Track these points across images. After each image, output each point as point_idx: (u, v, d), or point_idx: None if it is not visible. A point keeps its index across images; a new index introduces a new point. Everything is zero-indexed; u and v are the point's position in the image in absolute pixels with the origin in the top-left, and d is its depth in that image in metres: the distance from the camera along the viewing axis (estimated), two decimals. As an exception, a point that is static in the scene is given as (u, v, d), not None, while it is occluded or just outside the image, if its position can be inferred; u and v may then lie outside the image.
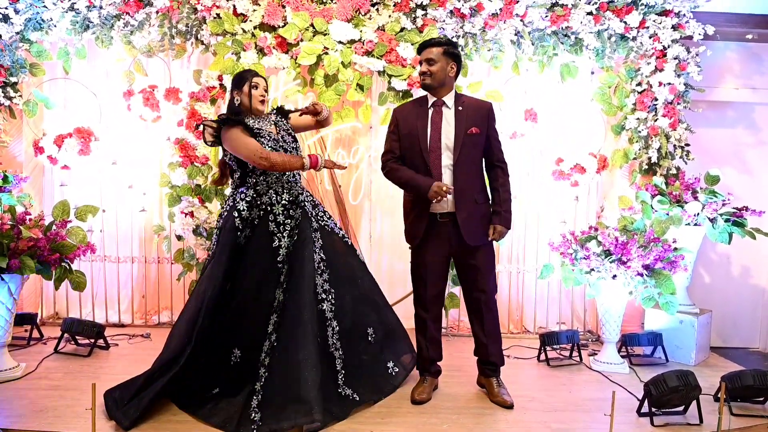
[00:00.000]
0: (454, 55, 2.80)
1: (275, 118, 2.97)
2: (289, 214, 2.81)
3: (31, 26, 3.71)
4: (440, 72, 2.77)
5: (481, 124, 2.80)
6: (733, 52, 4.24)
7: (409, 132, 2.84)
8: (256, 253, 2.76)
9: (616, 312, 3.43)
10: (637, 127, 3.83)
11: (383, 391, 2.87)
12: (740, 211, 3.56)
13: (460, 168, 2.77)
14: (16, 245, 2.90)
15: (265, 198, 2.80)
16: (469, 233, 2.79)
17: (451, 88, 2.85)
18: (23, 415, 2.59)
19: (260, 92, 2.87)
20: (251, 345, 2.69)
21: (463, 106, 2.83)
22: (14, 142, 3.94)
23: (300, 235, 2.79)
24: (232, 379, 2.68)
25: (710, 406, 2.84)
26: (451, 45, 2.81)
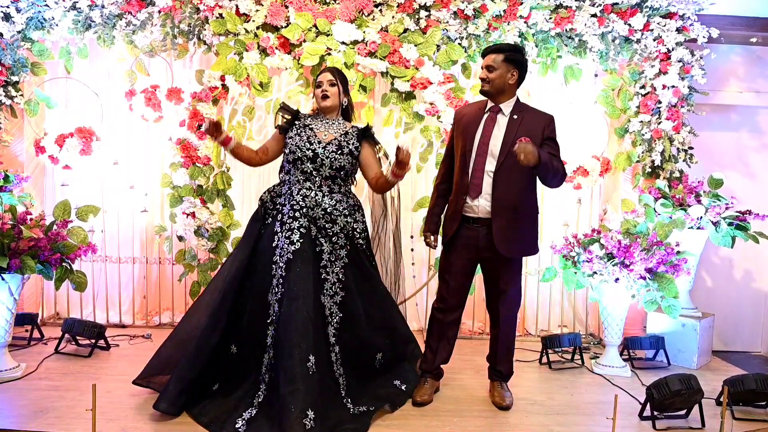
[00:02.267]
0: (517, 62, 2.71)
1: (350, 131, 2.83)
2: (294, 216, 2.71)
3: (32, 25, 3.70)
4: (499, 79, 2.70)
5: (534, 134, 2.67)
6: (738, 56, 4.23)
7: (463, 133, 2.81)
8: (262, 252, 2.76)
9: (618, 315, 3.42)
10: (640, 129, 3.82)
11: (395, 403, 2.80)
12: (743, 214, 3.55)
13: (502, 175, 2.69)
14: (16, 245, 2.89)
15: (281, 199, 2.80)
16: (502, 242, 2.69)
17: (511, 95, 2.77)
18: (23, 416, 2.58)
19: (322, 89, 2.81)
20: (247, 344, 2.69)
21: (520, 114, 2.74)
22: (15, 141, 3.93)
23: (302, 245, 2.67)
24: (230, 374, 2.68)
25: (712, 410, 2.83)
26: (513, 51, 2.72)
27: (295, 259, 2.65)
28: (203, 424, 2.49)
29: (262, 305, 2.70)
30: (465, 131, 2.80)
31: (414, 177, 4.06)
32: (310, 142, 2.75)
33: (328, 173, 2.76)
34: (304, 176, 2.75)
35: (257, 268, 2.75)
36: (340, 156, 2.76)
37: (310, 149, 2.74)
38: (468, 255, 2.81)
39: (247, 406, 2.53)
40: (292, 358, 2.47)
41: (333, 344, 2.70)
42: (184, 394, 2.57)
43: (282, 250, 2.69)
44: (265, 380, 2.57)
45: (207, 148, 3.72)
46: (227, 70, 3.67)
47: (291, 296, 2.59)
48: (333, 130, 2.82)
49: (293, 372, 2.44)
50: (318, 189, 2.75)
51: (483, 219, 2.74)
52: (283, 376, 2.45)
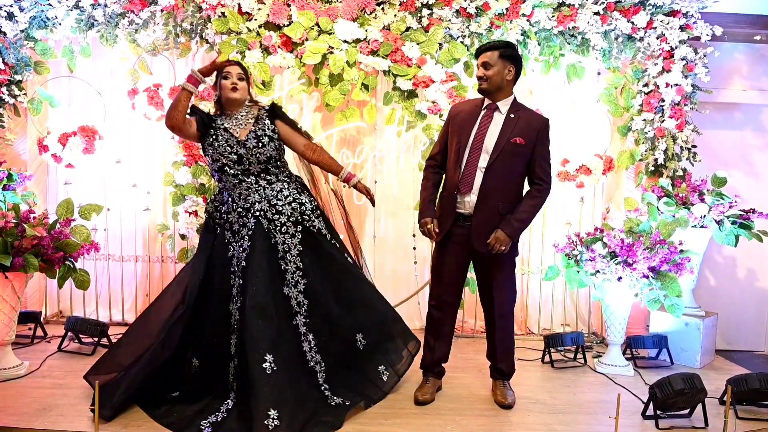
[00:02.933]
0: (512, 57, 2.70)
1: (260, 115, 2.80)
2: (243, 223, 2.71)
3: (35, 24, 3.71)
4: (496, 76, 2.69)
5: (528, 136, 2.69)
6: (741, 54, 4.22)
7: (458, 129, 2.79)
8: (216, 263, 2.73)
9: (621, 314, 3.41)
10: (643, 128, 3.81)
11: (372, 399, 2.77)
12: (747, 213, 3.54)
13: (492, 173, 2.69)
14: (20, 243, 2.90)
15: (223, 207, 2.78)
16: (478, 238, 2.71)
17: (509, 93, 2.76)
18: (26, 414, 2.58)
19: (230, 81, 2.73)
20: (208, 356, 2.68)
21: (516, 114, 2.73)
22: (18, 140, 3.94)
23: (251, 246, 2.65)
24: (191, 387, 2.69)
25: (716, 409, 2.82)
26: (508, 47, 2.71)
27: (249, 265, 2.63)
28: (166, 425, 2.49)
29: (223, 316, 2.67)
30: (461, 128, 2.79)
31: (416, 176, 4.04)
32: (230, 146, 2.70)
33: (258, 169, 2.74)
34: (237, 179, 2.73)
35: (214, 279, 2.72)
36: (262, 148, 2.72)
37: (232, 152, 2.70)
38: (460, 252, 2.80)
39: (213, 411, 2.52)
40: (248, 361, 2.47)
41: (305, 333, 2.67)
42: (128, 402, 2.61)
43: (237, 259, 2.68)
44: (234, 388, 2.58)
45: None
46: (229, 69, 3.67)
47: (249, 303, 2.57)
48: (244, 123, 2.77)
49: (250, 375, 2.45)
50: (256, 185, 2.74)
51: (470, 216, 2.75)
52: (244, 383, 2.48)
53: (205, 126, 2.75)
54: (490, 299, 2.86)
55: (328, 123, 4.08)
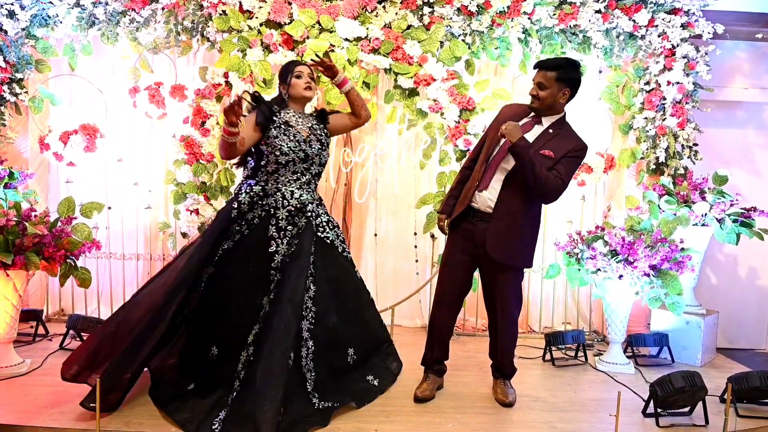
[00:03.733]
0: (570, 80, 2.62)
1: (314, 122, 2.84)
2: (293, 221, 2.71)
3: (36, 22, 3.71)
4: (549, 98, 2.64)
5: (559, 152, 2.63)
6: (743, 52, 4.21)
7: (498, 128, 2.73)
8: (250, 255, 2.68)
9: (622, 312, 3.41)
10: (644, 126, 3.80)
11: (363, 400, 2.76)
12: (748, 211, 3.54)
13: (514, 179, 2.66)
14: (21, 242, 2.90)
15: (270, 200, 2.71)
16: (495, 246, 2.67)
17: (559, 112, 2.71)
18: (28, 411, 2.59)
19: (305, 80, 2.78)
20: (229, 346, 2.64)
21: (556, 130, 2.68)
22: (20, 138, 3.94)
23: (299, 245, 2.67)
24: (208, 376, 2.64)
25: (716, 407, 2.83)
26: (569, 69, 2.63)
27: (291, 262, 2.64)
28: (179, 423, 2.46)
29: (250, 307, 2.65)
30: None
31: (417, 174, 4.06)
32: (298, 142, 2.71)
33: (316, 171, 2.79)
34: (295, 176, 2.73)
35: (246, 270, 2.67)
36: (323, 152, 2.81)
37: (300, 150, 2.71)
38: (466, 249, 2.79)
39: (222, 406, 2.49)
40: (274, 356, 2.46)
41: (306, 339, 2.66)
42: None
43: (282, 255, 2.67)
44: (240, 377, 2.53)
45: (210, 145, 3.72)
46: (231, 67, 3.67)
47: (282, 297, 2.57)
48: (304, 123, 2.79)
49: (272, 370, 2.43)
50: (307, 187, 2.77)
51: (482, 213, 2.73)
52: (263, 373, 2.43)
53: (266, 118, 2.70)
54: (493, 304, 2.85)
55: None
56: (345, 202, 4.16)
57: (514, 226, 2.69)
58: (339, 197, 4.15)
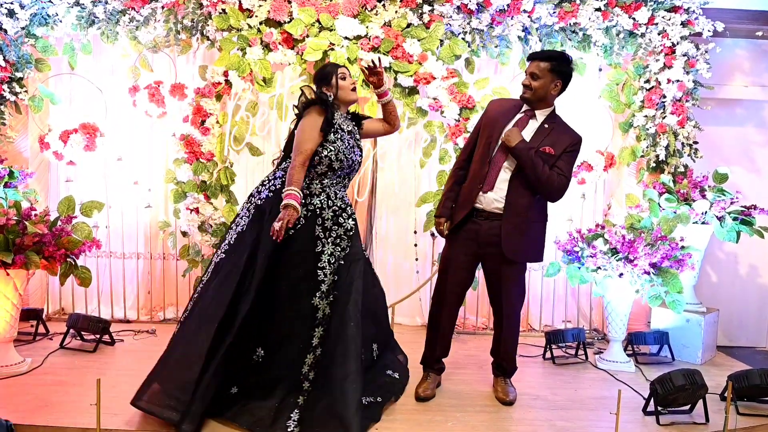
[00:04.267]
0: (562, 73, 2.67)
1: (351, 126, 2.80)
2: (338, 222, 2.68)
3: (36, 21, 3.71)
4: (541, 89, 2.67)
5: (558, 147, 2.67)
6: (743, 50, 4.21)
7: (490, 125, 2.77)
8: (297, 256, 2.62)
9: (622, 310, 3.41)
10: (645, 124, 3.80)
11: (397, 393, 2.82)
12: (748, 209, 3.53)
13: (519, 178, 2.67)
14: (21, 241, 2.90)
15: (316, 200, 2.66)
16: (510, 245, 2.69)
17: (550, 104, 2.75)
18: (29, 410, 2.59)
19: (350, 81, 2.75)
20: (278, 346, 2.59)
21: (551, 125, 2.71)
22: (20, 137, 3.94)
23: (352, 249, 2.68)
24: (255, 379, 2.57)
25: (717, 405, 2.83)
26: (560, 61, 2.67)
27: (344, 264, 2.65)
28: (247, 426, 2.42)
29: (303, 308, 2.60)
30: (494, 124, 2.76)
31: (417, 172, 4.06)
32: (350, 150, 2.70)
33: (353, 176, 2.83)
34: (337, 180, 2.73)
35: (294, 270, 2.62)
36: (361, 158, 2.83)
37: (351, 158, 2.71)
38: (469, 249, 2.80)
39: (291, 407, 2.46)
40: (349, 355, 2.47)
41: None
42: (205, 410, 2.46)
43: (332, 257, 2.63)
44: (309, 378, 2.52)
45: (210, 143, 3.72)
46: (230, 66, 3.67)
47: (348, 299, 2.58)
48: (346, 129, 2.76)
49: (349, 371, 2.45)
50: (344, 190, 2.78)
51: (488, 213, 2.73)
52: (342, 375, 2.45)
53: (329, 124, 2.63)
54: (498, 298, 2.85)
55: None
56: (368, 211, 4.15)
57: (525, 223, 2.71)
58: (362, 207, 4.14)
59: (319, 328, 2.59)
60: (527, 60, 2.76)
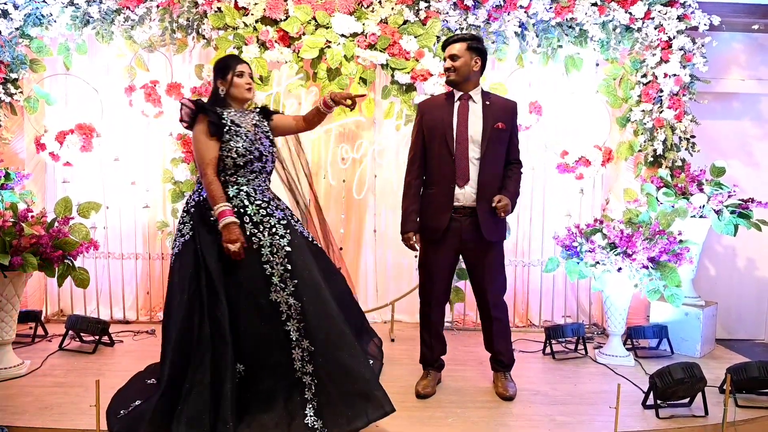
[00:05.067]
0: (479, 50, 2.77)
1: (257, 119, 2.74)
2: (268, 213, 2.60)
3: (30, 22, 3.69)
4: (464, 67, 2.75)
5: (506, 120, 2.78)
6: (740, 43, 4.21)
7: (434, 124, 2.79)
8: (238, 262, 2.50)
9: (621, 305, 3.41)
10: (642, 119, 3.80)
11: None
12: (746, 202, 3.54)
13: (486, 162, 2.74)
14: (18, 243, 2.89)
15: (236, 201, 2.57)
16: (487, 228, 2.75)
17: (476, 83, 2.82)
18: (28, 413, 2.59)
19: (246, 80, 2.67)
20: (255, 356, 2.50)
21: (490, 101, 2.81)
22: (16, 138, 3.93)
23: (293, 236, 2.59)
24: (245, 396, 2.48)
25: (716, 398, 2.83)
26: (475, 40, 2.77)
27: (292, 251, 2.56)
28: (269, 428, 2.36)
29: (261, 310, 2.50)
30: (440, 121, 2.78)
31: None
32: (252, 141, 2.62)
33: (270, 168, 2.73)
34: (254, 175, 2.64)
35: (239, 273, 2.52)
36: (273, 149, 2.74)
37: (255, 148, 2.62)
38: (450, 245, 2.81)
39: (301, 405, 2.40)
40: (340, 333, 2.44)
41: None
42: None
43: (273, 247, 2.54)
44: (309, 371, 2.44)
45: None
46: (226, 65, 3.65)
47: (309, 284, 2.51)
48: (251, 122, 2.69)
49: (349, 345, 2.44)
50: (264, 184, 2.70)
51: (466, 208, 2.76)
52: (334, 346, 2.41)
53: (218, 126, 2.57)
54: (482, 290, 2.86)
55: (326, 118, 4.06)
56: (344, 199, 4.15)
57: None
58: (337, 194, 4.14)
59: (293, 321, 2.48)
60: (442, 49, 2.85)
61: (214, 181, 2.52)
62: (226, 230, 2.45)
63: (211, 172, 2.54)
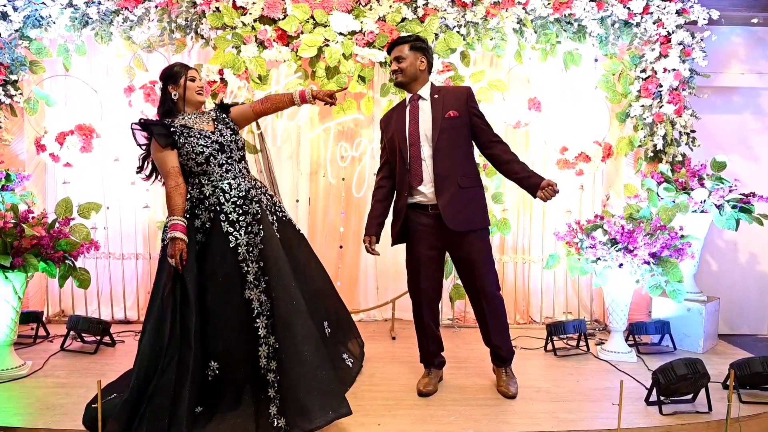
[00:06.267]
0: (422, 49, 2.80)
1: (215, 114, 2.77)
2: (244, 210, 2.63)
3: (30, 23, 3.69)
4: (410, 67, 2.77)
5: (459, 107, 2.76)
6: (739, 37, 4.20)
7: (392, 135, 2.85)
8: (215, 258, 2.56)
9: (623, 301, 3.41)
10: (641, 114, 3.79)
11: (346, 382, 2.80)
12: (747, 197, 3.53)
13: (440, 154, 2.73)
14: (19, 244, 2.90)
15: (212, 199, 2.61)
16: (450, 218, 2.70)
17: (425, 81, 2.83)
18: (30, 413, 2.59)
19: (197, 84, 2.73)
20: (227, 353, 2.52)
21: (440, 94, 2.81)
22: (16, 140, 3.93)
23: (266, 232, 2.62)
24: (216, 393, 2.51)
25: (719, 393, 2.83)
26: (417, 40, 2.82)
27: (265, 246, 2.59)
28: None
29: (238, 304, 2.55)
30: (396, 129, 2.83)
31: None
32: (204, 137, 2.63)
33: (238, 156, 2.73)
34: (224, 168, 2.66)
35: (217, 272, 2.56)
36: (236, 136, 2.73)
37: (213, 142, 2.63)
38: (431, 243, 2.80)
39: (266, 403, 2.42)
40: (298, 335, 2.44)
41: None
42: None
43: (249, 245, 2.58)
44: (272, 368, 2.46)
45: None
46: (225, 64, 3.66)
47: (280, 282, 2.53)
48: (206, 121, 2.72)
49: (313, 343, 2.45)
50: (239, 175, 2.70)
51: (432, 205, 2.76)
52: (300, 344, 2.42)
53: (167, 136, 2.60)
54: (473, 283, 2.83)
55: (325, 116, 4.07)
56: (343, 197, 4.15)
57: (460, 194, 2.73)
58: (337, 192, 4.14)
59: (261, 318, 2.51)
60: (387, 52, 2.88)
61: (172, 191, 2.57)
62: (171, 243, 2.50)
63: (171, 182, 2.59)
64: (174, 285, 2.52)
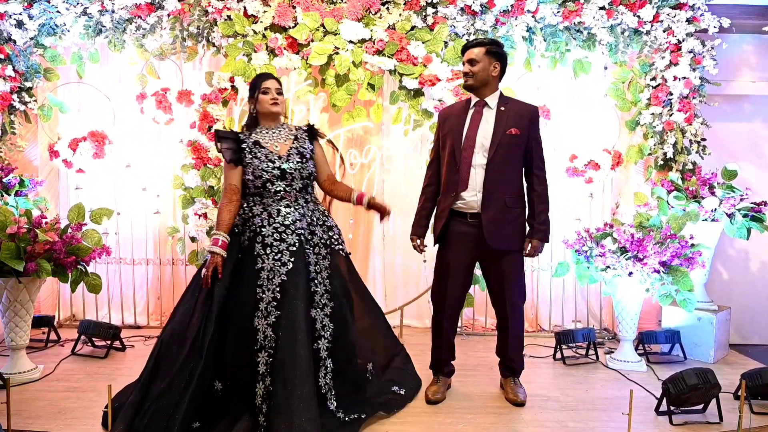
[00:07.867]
0: (498, 55, 2.75)
1: (298, 134, 2.75)
2: (281, 238, 2.58)
3: (44, 31, 3.75)
4: (482, 72, 2.73)
5: (522, 125, 2.73)
6: (750, 45, 4.18)
7: (449, 131, 2.82)
8: (242, 277, 2.55)
9: (632, 309, 3.39)
10: (651, 122, 3.78)
11: (392, 407, 2.72)
12: (758, 205, 3.50)
13: (493, 168, 2.71)
14: (32, 249, 2.93)
15: (257, 219, 2.61)
16: (492, 235, 2.71)
17: (495, 88, 2.80)
18: (41, 417, 2.61)
19: (271, 96, 2.71)
20: (231, 377, 2.48)
21: (506, 106, 2.77)
22: (30, 146, 3.98)
23: (295, 265, 2.55)
24: (217, 412, 2.46)
25: (730, 404, 2.80)
26: (494, 44, 2.76)
27: (288, 280, 2.53)
28: None
29: (245, 331, 2.49)
30: (452, 129, 2.81)
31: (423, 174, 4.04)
32: (271, 161, 2.62)
33: (300, 185, 2.68)
34: (279, 196, 2.64)
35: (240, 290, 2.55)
36: (305, 164, 2.69)
37: (275, 167, 2.62)
38: (466, 252, 2.80)
39: None
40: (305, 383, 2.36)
41: (324, 359, 2.57)
42: None
43: (271, 272, 2.53)
44: (263, 410, 2.38)
45: (217, 149, 3.74)
46: (236, 72, 3.69)
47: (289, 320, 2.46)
48: (283, 139, 2.71)
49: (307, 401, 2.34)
50: (295, 203, 2.67)
51: (477, 214, 2.75)
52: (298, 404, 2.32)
53: (234, 152, 2.64)
54: (501, 294, 2.84)
55: (335, 123, 4.09)
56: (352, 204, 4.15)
57: (505, 212, 2.74)
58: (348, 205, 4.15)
59: (263, 353, 2.44)
60: (461, 53, 2.83)
61: (222, 207, 2.62)
62: (211, 257, 2.53)
63: (225, 198, 2.64)
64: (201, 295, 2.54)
